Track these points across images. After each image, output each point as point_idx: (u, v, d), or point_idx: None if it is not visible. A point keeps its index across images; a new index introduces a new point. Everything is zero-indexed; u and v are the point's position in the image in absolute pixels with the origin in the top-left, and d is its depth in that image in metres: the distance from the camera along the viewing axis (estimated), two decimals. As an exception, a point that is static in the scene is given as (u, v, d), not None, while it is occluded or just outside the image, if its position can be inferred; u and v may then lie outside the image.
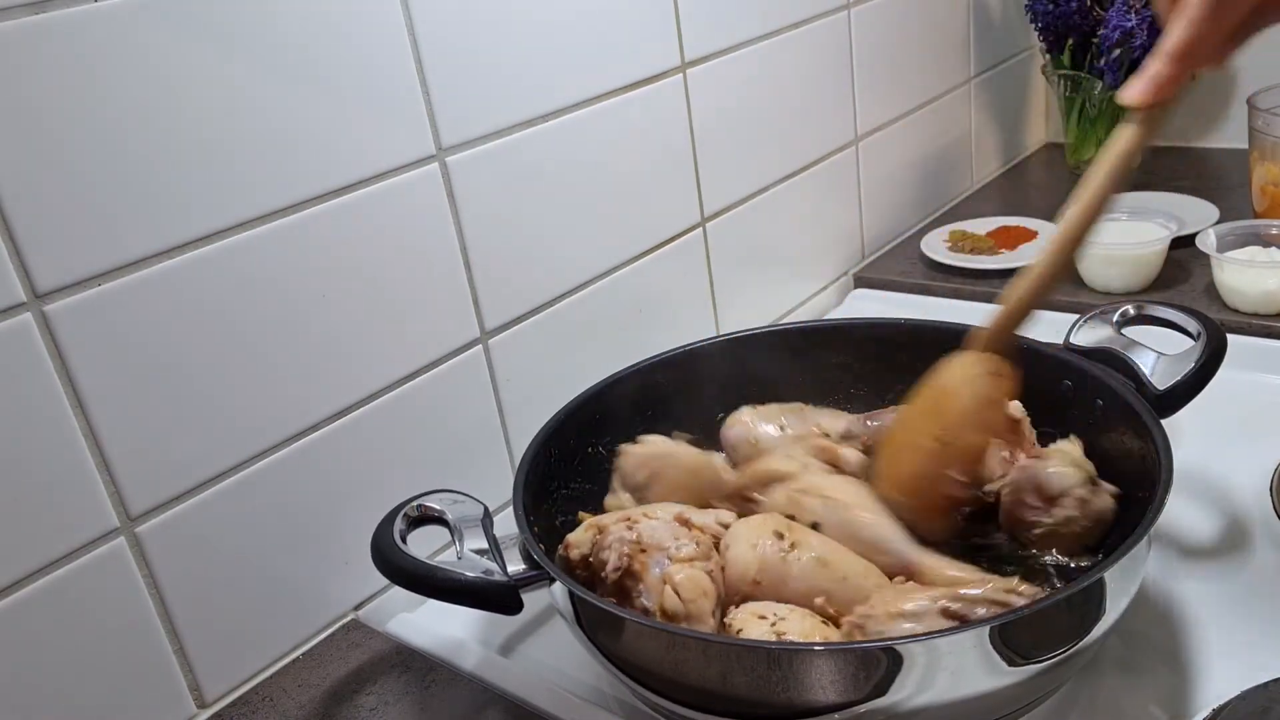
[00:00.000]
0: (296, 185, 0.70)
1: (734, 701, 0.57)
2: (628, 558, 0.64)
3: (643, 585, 0.63)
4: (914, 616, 0.58)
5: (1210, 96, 1.50)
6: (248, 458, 0.71)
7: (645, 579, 0.63)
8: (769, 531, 0.66)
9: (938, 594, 0.59)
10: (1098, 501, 0.68)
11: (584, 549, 0.68)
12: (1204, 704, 0.61)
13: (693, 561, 0.64)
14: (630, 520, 0.66)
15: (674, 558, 0.64)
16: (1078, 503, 0.67)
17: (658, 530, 0.65)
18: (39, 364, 0.60)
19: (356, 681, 0.73)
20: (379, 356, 0.77)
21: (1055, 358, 0.78)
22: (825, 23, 1.15)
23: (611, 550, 0.65)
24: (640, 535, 0.65)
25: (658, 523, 0.66)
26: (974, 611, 0.57)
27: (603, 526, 0.67)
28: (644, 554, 0.64)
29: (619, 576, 0.64)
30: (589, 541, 0.68)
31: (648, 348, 0.86)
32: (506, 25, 0.81)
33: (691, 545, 0.64)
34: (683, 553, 0.64)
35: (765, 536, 0.66)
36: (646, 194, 0.97)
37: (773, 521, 0.67)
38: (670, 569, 0.63)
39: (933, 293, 1.21)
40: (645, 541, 0.64)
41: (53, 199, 0.59)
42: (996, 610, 0.57)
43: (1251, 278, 1.01)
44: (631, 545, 0.64)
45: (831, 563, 0.65)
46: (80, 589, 0.63)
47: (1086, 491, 0.67)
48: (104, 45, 0.60)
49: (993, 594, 0.59)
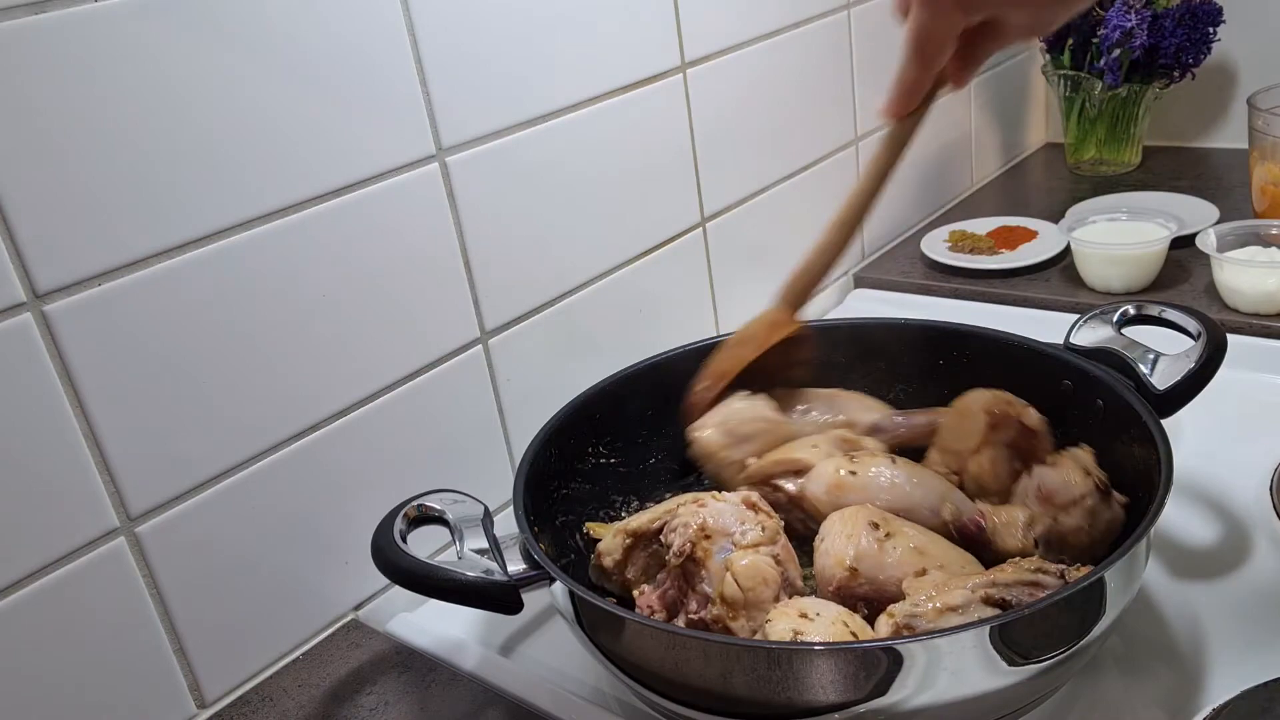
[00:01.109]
0: (296, 185, 0.70)
1: (734, 701, 0.57)
2: (691, 544, 0.64)
3: (705, 571, 0.64)
4: (960, 609, 0.59)
5: (1210, 96, 1.50)
6: (248, 457, 0.71)
7: (709, 565, 0.63)
8: (864, 522, 0.66)
9: (975, 583, 0.60)
10: (1107, 512, 0.67)
11: (616, 555, 0.69)
12: (1204, 704, 0.61)
13: (758, 547, 0.64)
14: (700, 503, 0.66)
15: (738, 544, 0.64)
16: (1087, 513, 0.66)
17: (724, 514, 0.65)
18: (39, 364, 0.60)
19: (356, 681, 0.73)
20: (379, 356, 0.77)
21: (1055, 358, 0.78)
22: (825, 23, 1.15)
23: (677, 534, 0.65)
24: (706, 519, 0.65)
25: (725, 505, 0.66)
26: (1012, 594, 0.59)
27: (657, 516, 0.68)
28: (708, 540, 0.64)
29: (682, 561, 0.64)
30: (620, 548, 0.69)
31: (648, 348, 0.86)
32: (506, 25, 0.81)
33: (757, 530, 0.65)
34: (748, 538, 0.64)
35: (860, 527, 0.66)
36: (646, 194, 0.97)
37: (866, 513, 0.67)
38: (733, 555, 0.63)
39: (933, 293, 1.21)
40: (711, 527, 0.65)
41: (53, 199, 0.59)
42: (1034, 591, 0.58)
43: (1251, 278, 1.01)
44: (697, 531, 0.64)
45: (929, 551, 0.65)
46: (80, 589, 0.63)
47: (1096, 501, 0.66)
48: (104, 45, 0.60)
49: (1025, 576, 0.60)
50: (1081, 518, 0.66)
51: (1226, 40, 1.40)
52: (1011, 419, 0.73)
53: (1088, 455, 0.70)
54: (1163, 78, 1.39)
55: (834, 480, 0.71)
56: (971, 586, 0.60)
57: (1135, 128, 1.44)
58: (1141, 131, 1.46)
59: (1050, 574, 0.60)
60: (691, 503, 0.67)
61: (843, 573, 0.64)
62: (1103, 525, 0.67)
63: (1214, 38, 1.35)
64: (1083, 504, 0.66)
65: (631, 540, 0.69)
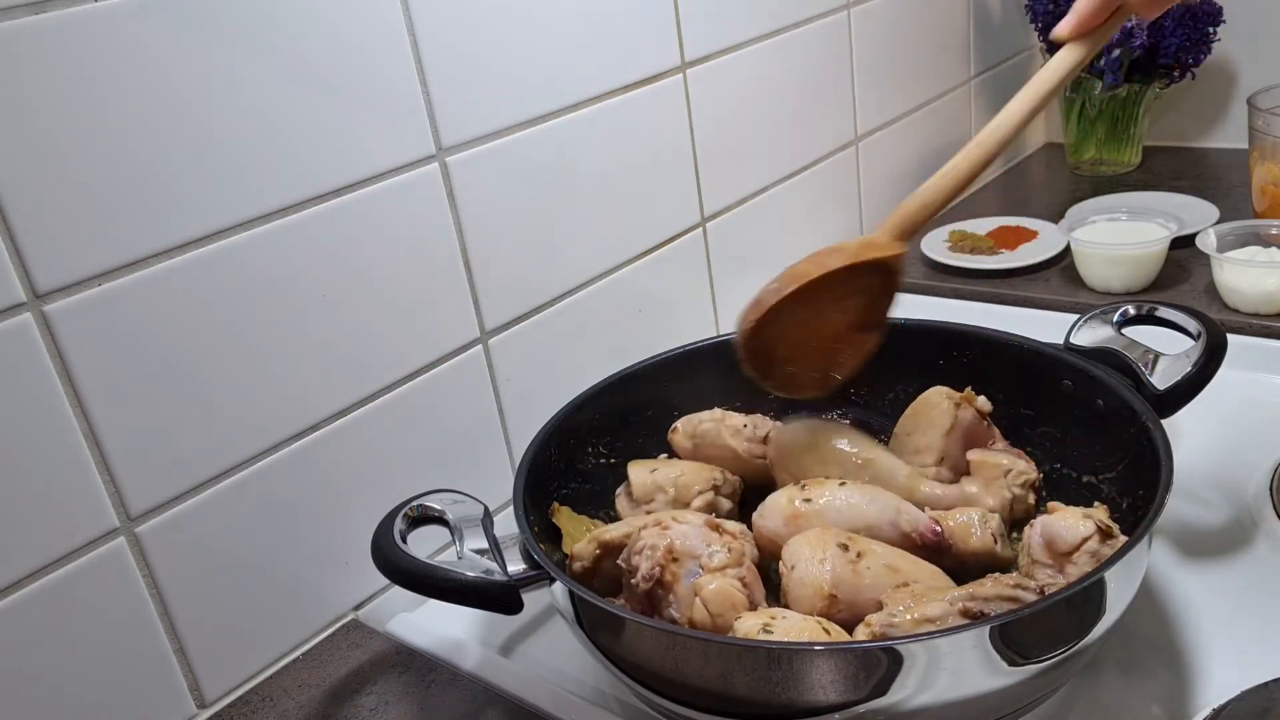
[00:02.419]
0: (296, 185, 0.70)
1: (734, 701, 0.57)
2: (660, 568, 0.63)
3: (673, 595, 0.62)
4: (938, 621, 0.58)
5: (1210, 96, 1.50)
6: (248, 457, 0.71)
7: (676, 589, 0.62)
8: (833, 544, 0.64)
9: (954, 596, 0.60)
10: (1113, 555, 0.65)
11: (586, 562, 0.68)
12: (1204, 704, 0.61)
13: (724, 570, 0.63)
14: (662, 525, 0.65)
15: (706, 567, 0.63)
16: (1091, 556, 0.64)
17: (690, 536, 0.64)
18: (39, 364, 0.60)
19: (356, 681, 0.73)
20: (379, 356, 0.77)
21: (1055, 358, 0.78)
22: (825, 23, 1.15)
23: (644, 557, 0.63)
24: (673, 541, 0.63)
25: (689, 528, 0.65)
26: (990, 608, 0.58)
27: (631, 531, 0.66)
28: (675, 563, 0.63)
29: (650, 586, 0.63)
30: (590, 555, 0.68)
31: (648, 348, 0.86)
32: (506, 25, 0.81)
33: (723, 553, 0.63)
34: (715, 561, 0.63)
35: (830, 549, 0.64)
36: (646, 194, 0.97)
37: (832, 534, 0.65)
38: (701, 579, 0.62)
39: (933, 293, 1.21)
40: (678, 550, 0.63)
41: (53, 199, 0.59)
42: (1010, 605, 0.58)
43: (1251, 278, 1.01)
44: (664, 554, 0.63)
45: (900, 568, 0.64)
46: (80, 589, 0.63)
47: (1099, 542, 0.64)
48: (104, 45, 0.60)
49: (1003, 590, 0.59)
50: (1086, 562, 0.64)
51: (1226, 40, 1.40)
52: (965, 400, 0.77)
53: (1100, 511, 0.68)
54: (1163, 78, 1.39)
55: (790, 512, 0.69)
56: (950, 599, 0.59)
57: (1135, 128, 1.44)
58: (1141, 131, 1.46)
59: (1029, 590, 0.60)
60: (654, 525, 0.65)
61: (822, 601, 0.62)
62: None
63: (1214, 38, 1.35)
64: (1086, 550, 0.64)
65: (601, 551, 0.68)
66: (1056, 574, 0.64)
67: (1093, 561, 0.63)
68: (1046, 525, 0.66)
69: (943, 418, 0.77)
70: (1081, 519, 0.64)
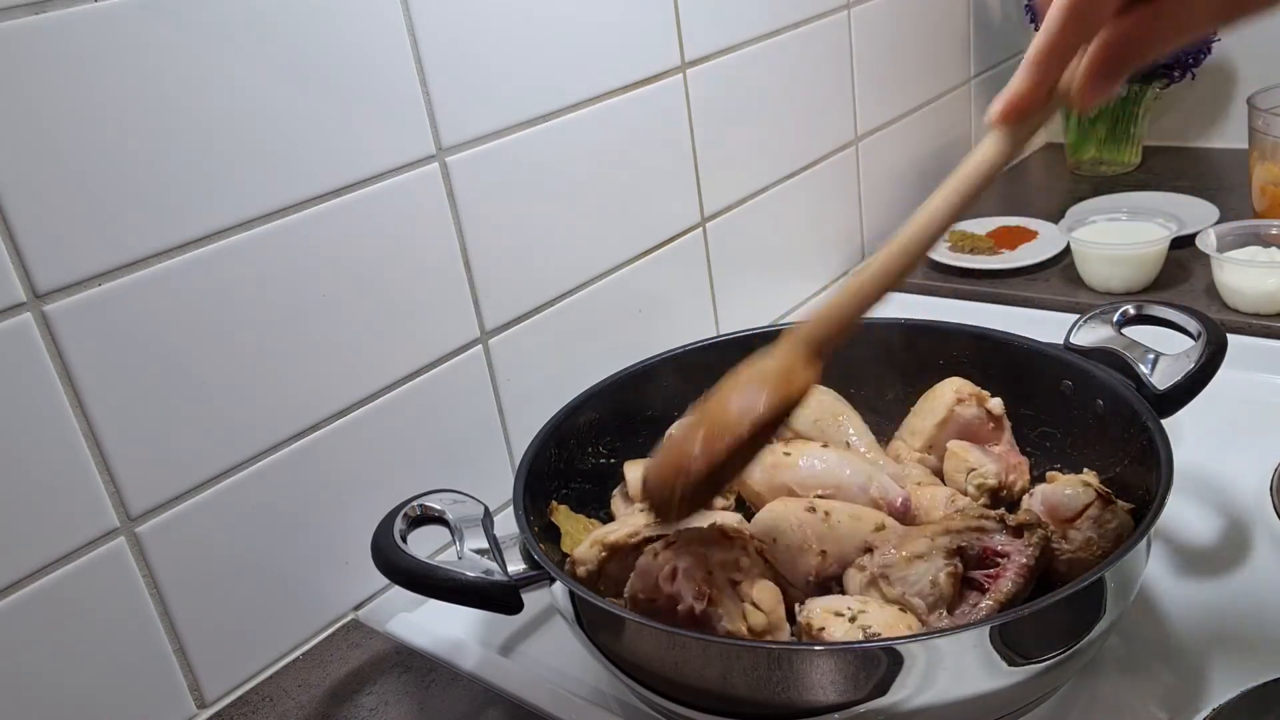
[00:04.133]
0: (296, 185, 0.70)
1: (734, 701, 0.57)
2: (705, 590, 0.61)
3: (722, 610, 0.61)
4: (925, 556, 0.63)
5: (1210, 96, 1.50)
6: (248, 457, 0.71)
7: (724, 604, 0.61)
8: (801, 509, 0.67)
9: (932, 531, 0.64)
10: (1114, 520, 0.66)
11: (591, 566, 0.68)
12: (1204, 704, 0.61)
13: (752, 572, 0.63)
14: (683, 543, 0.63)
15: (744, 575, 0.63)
16: (1094, 522, 0.66)
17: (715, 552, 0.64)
18: (39, 364, 0.60)
19: (356, 681, 0.73)
20: (379, 356, 0.77)
21: (1055, 358, 0.78)
22: (825, 23, 1.15)
23: (682, 585, 0.61)
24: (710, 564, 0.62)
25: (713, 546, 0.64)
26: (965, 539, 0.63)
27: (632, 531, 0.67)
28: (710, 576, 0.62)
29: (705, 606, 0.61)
30: (595, 559, 0.68)
31: (648, 348, 0.86)
32: (506, 25, 0.81)
33: (747, 558, 0.64)
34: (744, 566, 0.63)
35: (801, 513, 0.67)
36: (646, 194, 0.97)
37: (795, 502, 0.68)
38: (743, 587, 0.62)
39: (933, 293, 1.21)
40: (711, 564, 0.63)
41: (53, 199, 0.59)
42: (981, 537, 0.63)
43: (1251, 278, 1.01)
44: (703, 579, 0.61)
45: (863, 516, 0.68)
46: (80, 589, 0.63)
47: (1100, 508, 0.66)
48: (104, 45, 0.60)
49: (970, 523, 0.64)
50: (1089, 528, 0.65)
51: (1226, 40, 1.40)
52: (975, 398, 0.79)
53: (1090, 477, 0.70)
54: (1163, 78, 1.39)
55: (770, 460, 0.73)
56: (931, 535, 0.64)
57: (1135, 128, 1.44)
58: (1141, 131, 1.46)
59: (990, 519, 0.64)
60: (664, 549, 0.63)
61: (815, 559, 0.65)
62: (1112, 535, 0.66)
63: (1214, 38, 1.35)
64: (1088, 515, 0.66)
65: (608, 554, 0.68)
66: (1059, 540, 0.66)
67: (1095, 528, 0.65)
68: (1048, 494, 0.68)
69: (941, 409, 0.79)
70: (1081, 485, 0.67)
